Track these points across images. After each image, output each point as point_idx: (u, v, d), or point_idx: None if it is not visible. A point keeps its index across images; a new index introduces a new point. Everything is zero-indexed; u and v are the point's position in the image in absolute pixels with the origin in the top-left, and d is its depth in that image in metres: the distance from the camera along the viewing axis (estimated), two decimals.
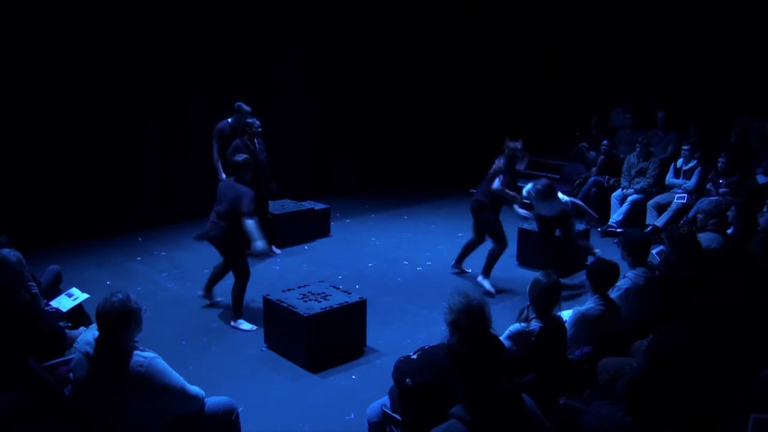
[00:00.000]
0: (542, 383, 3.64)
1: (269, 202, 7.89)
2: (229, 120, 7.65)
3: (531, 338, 3.86)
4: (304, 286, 5.60)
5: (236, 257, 5.84)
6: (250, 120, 7.36)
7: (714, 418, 3.16)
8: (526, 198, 6.87)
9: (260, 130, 7.40)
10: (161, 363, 3.21)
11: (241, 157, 5.86)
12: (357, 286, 6.56)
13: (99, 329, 3.19)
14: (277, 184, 8.07)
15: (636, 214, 8.74)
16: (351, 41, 10.46)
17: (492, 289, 6.59)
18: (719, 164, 8.18)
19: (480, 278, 6.73)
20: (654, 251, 5.67)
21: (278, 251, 7.78)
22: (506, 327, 4.01)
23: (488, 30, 11.70)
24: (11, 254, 4.11)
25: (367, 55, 10.76)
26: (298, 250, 8.04)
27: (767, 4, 9.35)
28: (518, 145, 6.71)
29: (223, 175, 7.34)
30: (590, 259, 6.79)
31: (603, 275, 4.46)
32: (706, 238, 5.55)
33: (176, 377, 3.24)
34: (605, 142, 9.54)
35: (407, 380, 3.15)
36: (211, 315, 6.13)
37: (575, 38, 11.28)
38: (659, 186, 8.85)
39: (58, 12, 7.70)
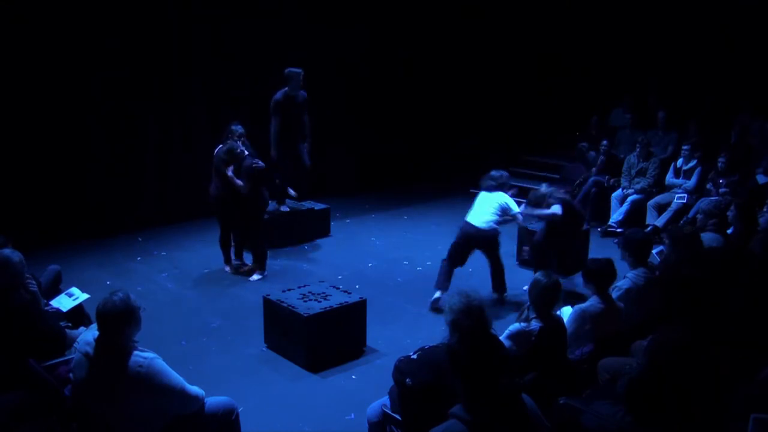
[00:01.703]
0: (542, 383, 3.64)
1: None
2: (285, 89, 7.56)
3: (531, 338, 3.86)
4: (304, 286, 5.60)
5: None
6: (234, 127, 7.09)
7: (714, 418, 3.16)
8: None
9: (242, 138, 7.06)
10: (161, 363, 3.20)
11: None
12: (357, 286, 6.56)
13: (99, 329, 3.19)
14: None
15: (636, 214, 8.74)
16: (351, 41, 10.45)
17: None
18: (719, 164, 8.18)
19: None
20: (654, 251, 5.67)
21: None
22: (506, 327, 4.02)
23: (488, 30, 11.69)
24: (14, 254, 4.12)
25: (367, 55, 10.75)
26: (298, 250, 8.04)
27: (767, 4, 9.35)
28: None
29: (274, 153, 7.42)
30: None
31: (600, 274, 4.46)
32: (706, 238, 5.55)
33: (176, 377, 3.24)
34: (605, 142, 9.54)
35: (407, 380, 3.15)
36: (211, 315, 6.14)
37: (575, 38, 11.28)
38: (659, 186, 8.86)
39: (58, 12, 7.71)
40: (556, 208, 6.29)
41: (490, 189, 6.36)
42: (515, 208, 6.25)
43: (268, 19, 9.56)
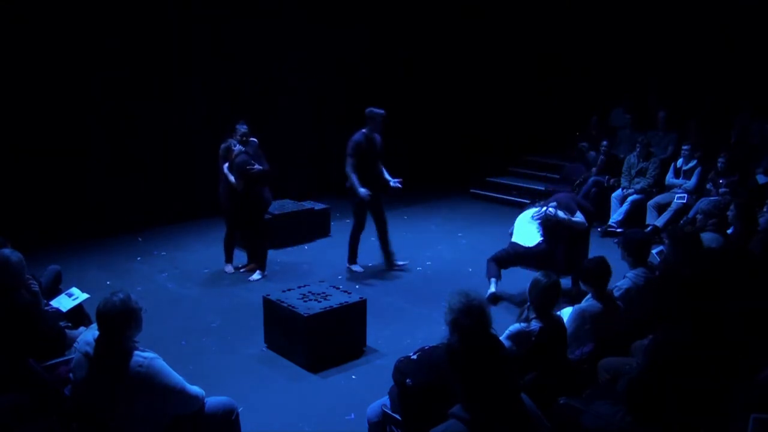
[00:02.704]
0: (542, 383, 3.64)
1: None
2: (364, 130, 7.00)
3: (531, 338, 3.86)
4: (304, 286, 5.60)
5: None
6: (237, 126, 6.97)
7: (714, 418, 3.16)
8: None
9: (243, 137, 6.91)
10: (161, 363, 3.20)
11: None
12: (357, 286, 6.56)
13: (99, 329, 3.18)
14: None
15: (636, 214, 8.75)
16: (351, 41, 10.46)
17: None
18: (719, 164, 8.18)
19: None
20: (654, 251, 5.66)
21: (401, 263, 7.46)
22: (506, 327, 4.01)
23: (488, 30, 11.69)
24: (13, 254, 4.11)
25: (367, 55, 10.75)
26: (298, 250, 8.04)
27: (767, 4, 9.35)
28: None
29: (362, 190, 6.81)
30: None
31: (597, 273, 4.46)
32: (706, 238, 5.55)
33: (176, 377, 3.24)
34: (605, 142, 9.54)
35: (407, 380, 3.15)
36: (211, 315, 6.14)
37: (575, 38, 11.28)
38: (659, 186, 8.86)
39: (58, 12, 7.71)
40: (580, 217, 6.35)
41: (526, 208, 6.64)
42: (551, 209, 6.38)
43: (268, 19, 9.56)
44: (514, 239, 6.44)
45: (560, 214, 6.31)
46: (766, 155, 8.65)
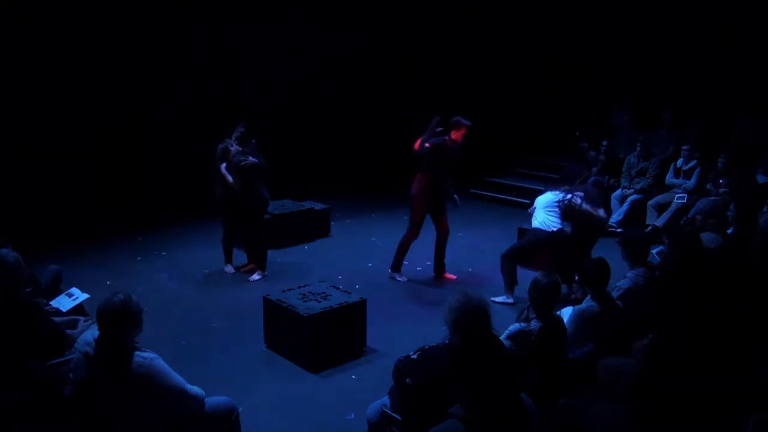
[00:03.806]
0: (542, 383, 3.64)
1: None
2: (447, 137, 7.03)
3: (531, 338, 3.86)
4: (304, 286, 5.60)
5: None
6: (238, 128, 6.87)
7: (714, 418, 3.16)
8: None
9: (241, 136, 6.82)
10: (161, 363, 3.20)
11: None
12: (357, 286, 6.56)
13: (99, 329, 3.18)
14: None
15: (636, 214, 8.75)
16: (351, 41, 10.46)
17: None
18: (719, 164, 8.19)
19: None
20: (654, 251, 5.67)
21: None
22: (506, 327, 4.01)
23: (488, 30, 11.70)
24: (9, 255, 4.10)
25: (367, 55, 10.76)
26: (298, 250, 8.04)
27: (767, 4, 9.35)
28: None
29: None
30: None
31: (596, 274, 4.46)
32: (705, 238, 5.55)
33: (176, 377, 3.24)
34: (605, 142, 9.54)
35: (407, 380, 3.15)
36: (211, 315, 6.13)
37: (575, 38, 11.28)
38: (659, 186, 8.86)
39: (58, 12, 7.72)
40: (602, 213, 6.37)
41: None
42: (576, 199, 6.37)
43: (268, 19, 9.57)
44: (534, 225, 6.43)
45: (584, 205, 6.33)
46: (766, 155, 8.66)
